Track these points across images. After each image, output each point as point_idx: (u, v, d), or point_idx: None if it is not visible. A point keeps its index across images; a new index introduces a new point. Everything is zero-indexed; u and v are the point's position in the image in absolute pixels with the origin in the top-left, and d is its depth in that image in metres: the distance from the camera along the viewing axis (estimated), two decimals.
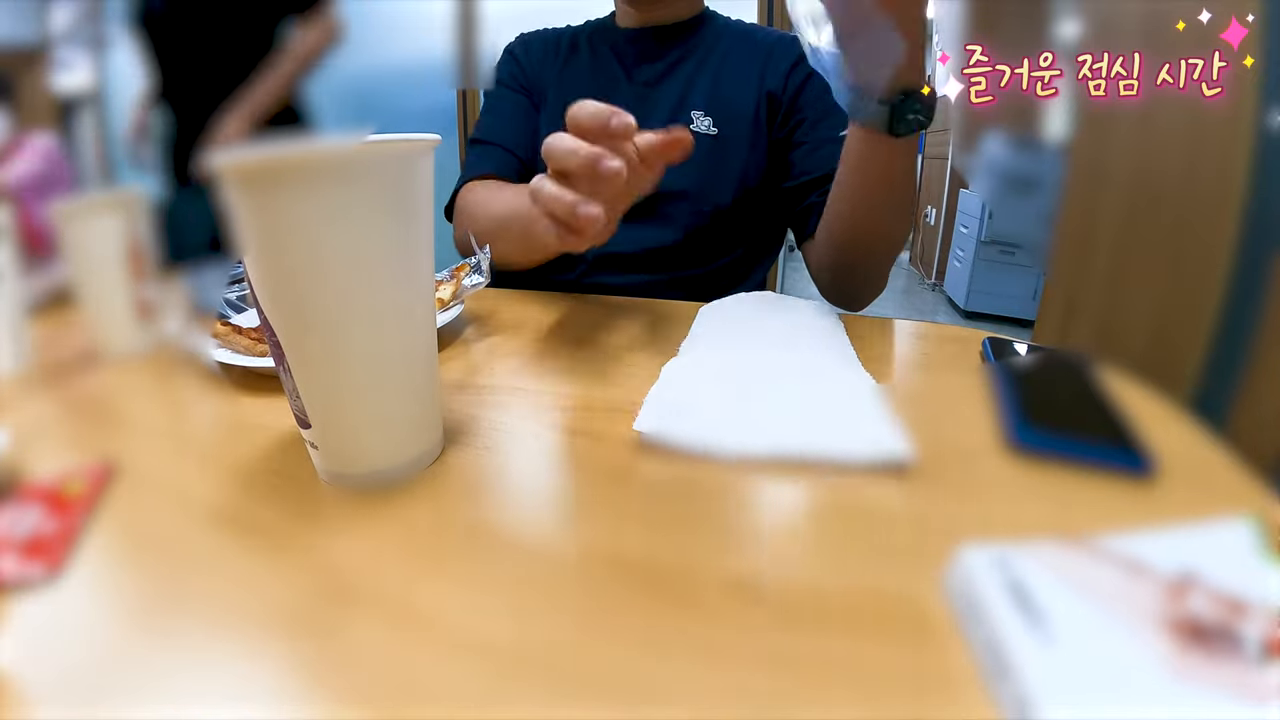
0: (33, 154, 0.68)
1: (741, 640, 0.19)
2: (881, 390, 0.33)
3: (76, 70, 0.93)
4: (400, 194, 0.25)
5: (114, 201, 0.45)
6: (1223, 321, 0.95)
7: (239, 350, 0.40)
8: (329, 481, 0.27)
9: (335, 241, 0.23)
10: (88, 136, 0.94)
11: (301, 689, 0.18)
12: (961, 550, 0.20)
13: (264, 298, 0.25)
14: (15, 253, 0.44)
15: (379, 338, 0.25)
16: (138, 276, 0.46)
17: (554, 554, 0.23)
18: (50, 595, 0.22)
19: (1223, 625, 0.17)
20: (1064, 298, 1.21)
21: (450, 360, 0.41)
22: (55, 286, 0.52)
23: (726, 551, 0.22)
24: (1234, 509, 0.22)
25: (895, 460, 0.27)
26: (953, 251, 3.16)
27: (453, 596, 0.21)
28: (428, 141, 0.26)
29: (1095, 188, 1.11)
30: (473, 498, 0.27)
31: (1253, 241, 0.92)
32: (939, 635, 0.19)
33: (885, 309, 3.29)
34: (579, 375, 0.39)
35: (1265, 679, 0.15)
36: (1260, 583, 0.18)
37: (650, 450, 0.29)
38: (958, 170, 3.03)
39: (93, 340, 0.46)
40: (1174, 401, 0.33)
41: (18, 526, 0.25)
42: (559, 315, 0.51)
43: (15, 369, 0.44)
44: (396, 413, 0.27)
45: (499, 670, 0.18)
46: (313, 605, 0.21)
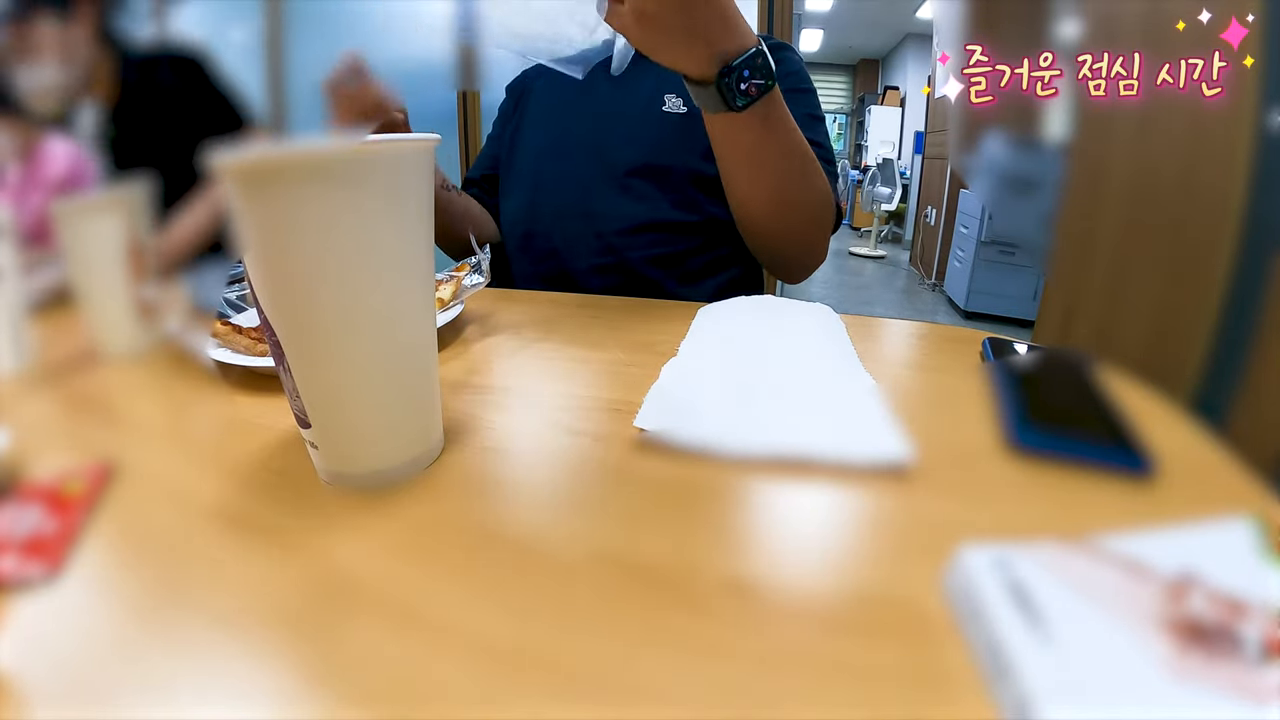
0: (61, 157, 0.67)
1: (741, 640, 0.19)
2: (881, 390, 0.33)
3: None
4: (400, 194, 0.25)
5: (114, 201, 0.45)
6: (1223, 321, 0.94)
7: (239, 350, 0.40)
8: (329, 481, 0.27)
9: (335, 241, 0.23)
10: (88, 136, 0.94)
11: (301, 689, 0.18)
12: (961, 550, 0.20)
13: (264, 297, 0.25)
14: (15, 253, 0.44)
15: (379, 337, 0.25)
16: (138, 276, 0.46)
17: (554, 554, 0.23)
18: (50, 595, 0.22)
19: (1223, 626, 0.17)
20: (1064, 298, 1.21)
21: (450, 360, 0.41)
22: (55, 286, 0.52)
23: (726, 551, 0.22)
24: (1234, 509, 0.22)
25: (895, 461, 0.27)
26: (953, 252, 3.16)
27: (453, 596, 0.21)
28: (428, 141, 0.26)
29: (1095, 188, 1.11)
30: (473, 498, 0.27)
31: (1253, 241, 0.92)
32: (939, 635, 0.19)
33: (885, 309, 3.30)
34: (579, 375, 0.39)
35: (1265, 679, 0.15)
36: (1260, 583, 0.18)
37: (650, 450, 0.29)
38: (957, 171, 3.02)
39: (93, 340, 0.46)
40: (1174, 401, 0.33)
41: (18, 526, 0.25)
42: (559, 315, 0.51)
43: (15, 369, 0.44)
44: (396, 413, 0.27)
45: (499, 670, 0.18)
46: (313, 605, 0.21)
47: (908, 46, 5.80)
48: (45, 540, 0.24)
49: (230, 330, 0.41)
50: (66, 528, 0.25)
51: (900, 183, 4.88)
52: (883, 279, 4.13)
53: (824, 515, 0.25)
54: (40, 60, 0.63)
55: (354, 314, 0.24)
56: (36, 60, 0.63)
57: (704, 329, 0.44)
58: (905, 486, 0.26)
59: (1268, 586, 0.18)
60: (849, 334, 0.42)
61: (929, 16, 4.69)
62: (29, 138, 0.66)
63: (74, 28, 0.65)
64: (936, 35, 0.56)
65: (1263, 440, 0.84)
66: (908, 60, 5.81)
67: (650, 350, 0.42)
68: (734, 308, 0.47)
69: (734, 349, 0.39)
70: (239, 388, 0.38)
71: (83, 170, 0.68)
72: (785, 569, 0.22)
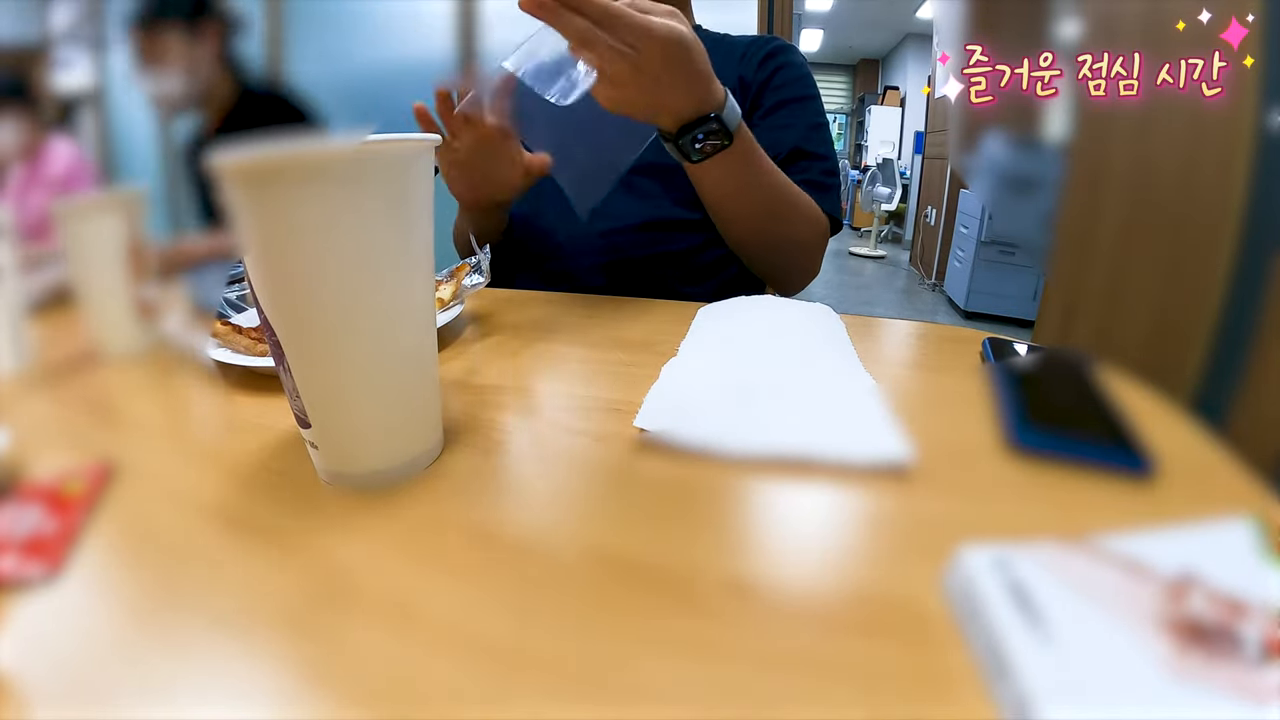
0: (63, 156, 0.69)
1: (742, 640, 0.19)
2: (881, 390, 0.33)
3: (76, 70, 0.92)
4: (400, 194, 0.25)
5: (114, 201, 0.45)
6: (1223, 321, 0.94)
7: (239, 350, 0.40)
8: (329, 481, 0.27)
9: (335, 241, 0.23)
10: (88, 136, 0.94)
11: (301, 689, 0.18)
12: (961, 551, 0.20)
13: (264, 297, 0.25)
14: (15, 253, 0.44)
15: (379, 338, 0.25)
16: (138, 276, 0.46)
17: (554, 554, 0.23)
18: (50, 595, 0.22)
19: (1223, 626, 0.17)
20: (1064, 298, 1.21)
21: (450, 360, 0.41)
22: (55, 286, 0.52)
23: (726, 551, 0.22)
24: (1234, 509, 0.22)
25: (895, 461, 0.27)
26: (953, 252, 3.16)
27: (453, 596, 0.21)
28: (428, 141, 0.26)
29: (1095, 188, 1.11)
30: (473, 498, 0.27)
31: (1253, 241, 0.92)
32: (939, 635, 0.19)
33: (885, 309, 3.30)
34: (579, 375, 0.39)
35: (1265, 679, 0.15)
36: (1260, 583, 0.18)
37: (650, 450, 0.29)
38: (957, 171, 3.03)
39: (93, 340, 0.46)
40: (1174, 401, 0.33)
41: (18, 526, 0.25)
42: (559, 315, 0.51)
43: (15, 369, 0.44)
44: (396, 413, 0.27)
45: (499, 670, 0.18)
46: (313, 605, 0.21)
47: (908, 46, 5.80)
48: (45, 540, 0.24)
49: (230, 330, 0.41)
50: (66, 528, 0.25)
51: (900, 183, 4.88)
52: (883, 279, 4.13)
53: (824, 515, 0.25)
54: (165, 69, 0.70)
55: (354, 314, 0.24)
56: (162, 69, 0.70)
57: (704, 329, 0.44)
58: (905, 486, 0.26)
59: (1268, 586, 0.18)
60: (849, 334, 0.42)
61: (929, 16, 4.69)
62: (36, 136, 0.67)
63: (199, 47, 0.72)
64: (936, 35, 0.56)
65: (1263, 440, 0.84)
66: (908, 60, 5.81)
67: (650, 350, 0.42)
68: (734, 307, 0.47)
69: (734, 349, 0.39)
70: (239, 388, 0.38)
71: (82, 171, 0.69)
72: (785, 569, 0.22)
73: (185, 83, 0.70)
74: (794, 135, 0.65)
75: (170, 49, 0.70)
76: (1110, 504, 0.25)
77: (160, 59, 0.70)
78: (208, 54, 0.72)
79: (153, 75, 0.70)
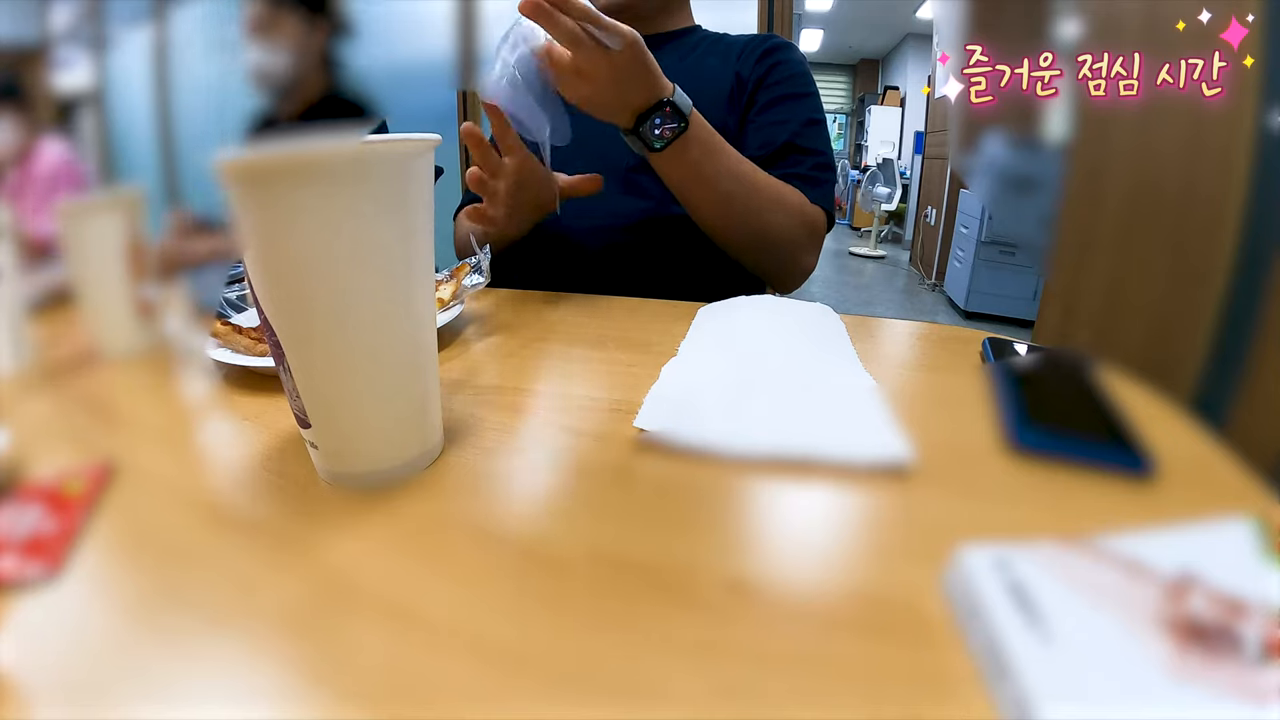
0: (53, 157, 0.69)
1: (742, 640, 0.19)
2: (881, 390, 0.33)
3: (76, 70, 0.92)
4: (400, 194, 0.25)
5: (114, 201, 0.45)
6: (1223, 321, 0.94)
7: (239, 350, 0.40)
8: (329, 481, 0.27)
9: (335, 241, 0.23)
10: (88, 136, 0.94)
11: (301, 689, 0.18)
12: (961, 551, 0.20)
13: (264, 297, 0.25)
14: (15, 253, 0.44)
15: (379, 338, 0.25)
16: (138, 276, 0.46)
17: (554, 554, 0.23)
18: (50, 595, 0.22)
19: (1223, 626, 0.17)
20: (1064, 298, 1.21)
21: (450, 360, 0.41)
22: (55, 286, 0.52)
23: (726, 551, 0.22)
24: (1234, 509, 0.22)
25: (895, 460, 0.27)
26: (953, 252, 3.16)
27: (453, 596, 0.21)
28: (428, 141, 0.26)
29: (1095, 188, 1.11)
30: (472, 498, 0.27)
31: (1253, 241, 0.92)
32: (939, 636, 0.19)
33: (885, 309, 3.30)
34: (579, 375, 0.39)
35: (1265, 679, 0.15)
36: (1260, 583, 0.18)
37: (651, 450, 0.29)
38: (957, 171, 3.03)
39: (93, 340, 0.46)
40: (1174, 401, 0.33)
41: (18, 526, 0.25)
42: (559, 315, 0.51)
43: (15, 369, 0.44)
44: (396, 412, 0.27)
45: (499, 670, 0.18)
46: (312, 605, 0.21)
47: (908, 46, 5.79)
48: (45, 540, 0.24)
49: (230, 330, 0.41)
50: (66, 528, 0.25)
51: (900, 183, 4.88)
52: (883, 279, 4.13)
53: (824, 515, 0.25)
54: (275, 46, 0.73)
55: (354, 314, 0.24)
56: (273, 44, 0.73)
57: (704, 329, 0.44)
58: (905, 486, 0.26)
59: (1268, 586, 0.18)
60: (849, 334, 0.42)
61: (929, 16, 4.69)
62: (30, 137, 0.67)
63: (310, 37, 0.75)
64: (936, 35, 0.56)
65: (1263, 440, 0.84)
66: (908, 60, 5.81)
67: (650, 350, 0.42)
68: (734, 307, 0.47)
69: (734, 349, 0.39)
70: (239, 388, 0.38)
71: (69, 171, 0.69)
72: (785, 569, 0.22)
73: (288, 65, 0.72)
74: (788, 130, 0.65)
75: (285, 30, 0.73)
76: (1110, 504, 0.25)
77: (273, 36, 0.72)
78: (315, 46, 0.75)
79: (262, 48, 0.72)
